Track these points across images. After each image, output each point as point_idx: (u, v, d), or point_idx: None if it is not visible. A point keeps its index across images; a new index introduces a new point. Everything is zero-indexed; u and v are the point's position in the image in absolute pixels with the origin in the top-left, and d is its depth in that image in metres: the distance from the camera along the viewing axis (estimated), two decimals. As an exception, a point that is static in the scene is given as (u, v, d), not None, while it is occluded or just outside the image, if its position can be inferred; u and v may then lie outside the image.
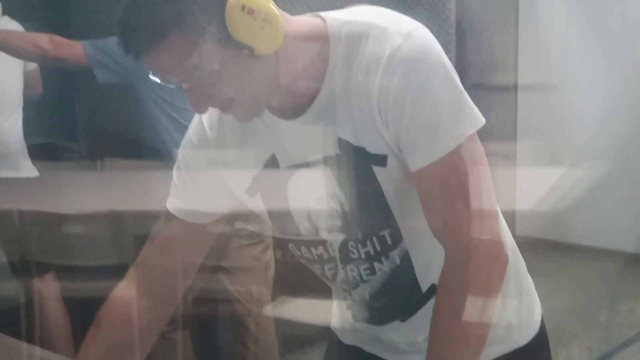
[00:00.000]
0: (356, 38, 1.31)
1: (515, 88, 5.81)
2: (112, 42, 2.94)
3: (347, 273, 1.52)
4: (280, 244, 3.07)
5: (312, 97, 1.35)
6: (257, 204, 1.55)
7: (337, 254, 1.51)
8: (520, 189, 5.88)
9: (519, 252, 1.64)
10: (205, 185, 1.58)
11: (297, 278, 3.15)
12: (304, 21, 1.38)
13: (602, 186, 5.46)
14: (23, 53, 3.08)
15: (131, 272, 1.70)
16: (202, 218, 1.62)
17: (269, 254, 3.09)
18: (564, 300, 4.74)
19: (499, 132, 5.82)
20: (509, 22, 5.80)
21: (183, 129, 2.89)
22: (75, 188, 3.43)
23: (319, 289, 3.12)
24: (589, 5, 5.45)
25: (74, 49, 2.96)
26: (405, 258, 1.46)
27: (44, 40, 2.96)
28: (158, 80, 1.31)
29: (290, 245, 1.61)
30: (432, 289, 1.47)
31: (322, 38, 1.33)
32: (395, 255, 1.46)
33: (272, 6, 1.24)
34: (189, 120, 2.89)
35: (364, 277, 1.51)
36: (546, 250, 5.58)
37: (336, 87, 1.33)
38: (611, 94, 5.42)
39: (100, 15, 3.91)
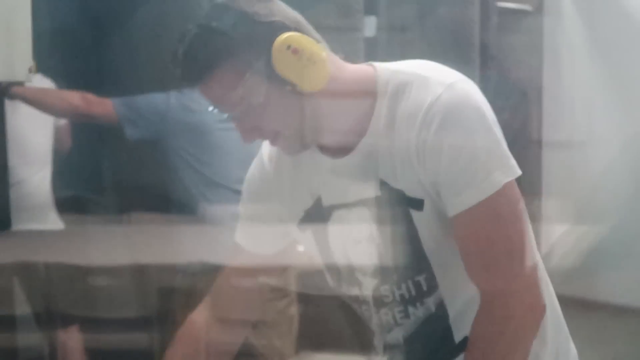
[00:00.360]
0: (402, 86, 1.39)
1: (539, 144, 5.83)
2: (141, 99, 3.02)
3: (381, 317, 1.56)
4: (303, 298, 3.10)
5: (358, 139, 1.42)
6: (307, 240, 1.63)
7: (370, 298, 1.55)
8: (546, 244, 5.89)
9: (557, 302, 1.65)
10: (266, 217, 1.66)
11: (320, 333, 3.17)
12: (356, 67, 1.47)
13: (634, 242, 5.44)
14: (55, 110, 3.14)
15: (206, 300, 1.83)
16: (266, 249, 1.73)
17: (293, 309, 3.11)
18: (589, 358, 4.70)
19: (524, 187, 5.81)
20: (534, 79, 5.85)
21: (209, 183, 2.96)
22: (100, 241, 3.42)
23: (341, 344, 3.13)
24: (614, 61, 5.48)
25: (105, 107, 3.00)
26: (441, 306, 1.49)
27: (76, 98, 3.01)
28: (216, 110, 1.43)
29: (334, 284, 1.66)
30: (465, 341, 1.48)
31: (370, 83, 1.42)
32: (430, 302, 1.49)
33: (319, 49, 1.34)
34: (216, 174, 2.97)
35: (398, 321, 1.54)
36: (575, 308, 5.53)
37: (380, 131, 1.40)
38: (637, 151, 5.42)
39: (131, 74, 3.97)
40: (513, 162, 1.38)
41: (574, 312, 5.60)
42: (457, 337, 1.51)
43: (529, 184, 5.67)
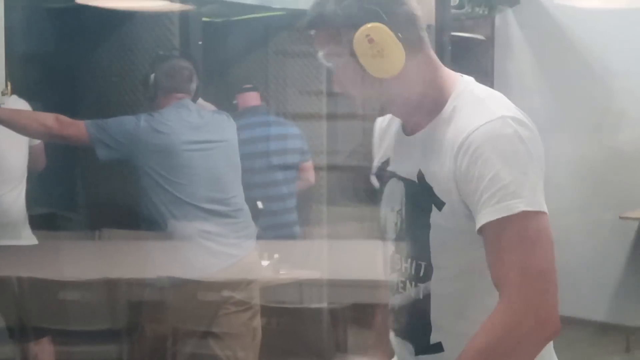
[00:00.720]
0: (466, 104, 1.53)
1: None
2: (112, 122, 3.00)
3: (392, 278, 1.68)
4: (266, 310, 3.14)
5: (420, 128, 1.57)
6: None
7: (389, 257, 1.68)
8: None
9: None
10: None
11: (283, 344, 3.20)
12: (446, 72, 1.63)
13: (572, 259, 5.55)
14: (30, 131, 3.07)
15: None
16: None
17: (257, 321, 3.11)
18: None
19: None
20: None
21: (177, 201, 2.99)
22: (72, 256, 3.41)
23: (302, 355, 3.17)
24: (555, 83, 5.60)
25: (78, 128, 2.96)
26: (427, 298, 1.58)
27: (50, 119, 2.96)
28: None
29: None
30: (437, 347, 1.58)
31: (447, 89, 1.57)
32: (422, 288, 1.59)
33: (395, 44, 1.49)
34: (183, 193, 3.00)
35: (399, 289, 1.65)
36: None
37: (437, 131, 1.53)
38: (580, 173, 5.53)
39: (103, 96, 3.98)
40: (540, 199, 1.47)
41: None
42: (433, 339, 1.59)
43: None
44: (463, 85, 1.59)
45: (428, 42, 1.61)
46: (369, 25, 1.48)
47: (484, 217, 1.43)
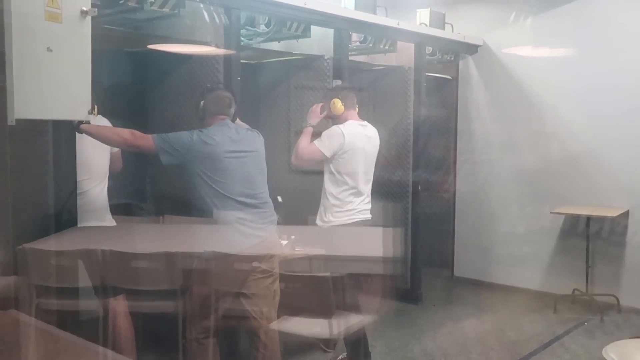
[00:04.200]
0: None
1: (454, 163, 5.92)
2: (173, 135, 2.99)
3: None
4: (283, 277, 3.13)
5: None
6: None
7: None
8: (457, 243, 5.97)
9: None
10: None
11: (295, 303, 3.20)
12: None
13: (514, 243, 5.53)
14: (111, 141, 3.09)
15: None
16: None
17: (276, 285, 3.12)
18: (486, 323, 4.75)
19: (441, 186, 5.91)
20: (451, 123, 5.93)
21: (219, 195, 2.98)
22: (142, 235, 3.45)
23: (310, 311, 3.16)
24: (504, 112, 5.58)
25: (147, 140, 2.96)
26: None
27: (126, 133, 2.98)
28: None
29: None
30: None
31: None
32: None
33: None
34: (223, 189, 2.99)
35: None
36: (476, 286, 5.63)
37: None
38: (521, 178, 5.51)
39: (166, 116, 3.99)
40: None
41: (475, 290, 5.66)
42: None
43: (447, 183, 5.83)
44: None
45: None
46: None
47: None
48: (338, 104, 3.69)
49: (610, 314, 4.84)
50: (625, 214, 4.92)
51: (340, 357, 3.81)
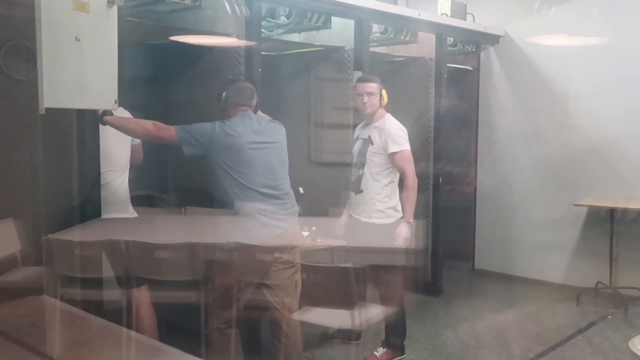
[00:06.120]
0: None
1: (476, 154, 5.88)
2: (195, 127, 2.98)
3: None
4: (305, 268, 3.14)
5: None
6: None
7: None
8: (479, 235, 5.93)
9: None
10: None
11: (317, 294, 3.20)
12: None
13: (536, 235, 5.49)
14: (134, 133, 3.09)
15: None
16: None
17: (298, 276, 3.11)
18: (507, 316, 4.72)
19: (466, 176, 5.87)
20: (472, 114, 5.88)
21: (241, 186, 2.98)
22: (164, 226, 3.46)
23: (330, 302, 3.16)
24: (525, 103, 5.52)
25: (169, 132, 2.95)
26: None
27: (149, 125, 2.98)
28: None
29: None
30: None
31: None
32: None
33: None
34: (246, 180, 2.99)
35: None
36: (497, 279, 5.59)
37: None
38: (545, 170, 5.46)
39: (188, 108, 4.00)
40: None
41: (496, 283, 5.62)
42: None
43: (469, 176, 5.80)
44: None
45: None
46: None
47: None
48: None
49: (634, 306, 4.79)
50: (650, 206, 4.86)
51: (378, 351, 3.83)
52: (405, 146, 3.61)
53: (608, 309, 4.77)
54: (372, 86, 3.68)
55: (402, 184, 3.62)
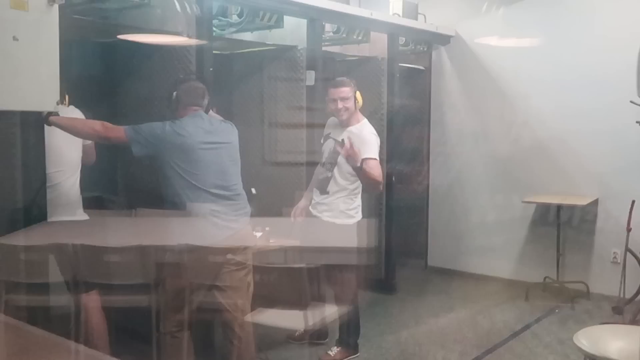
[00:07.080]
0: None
1: (428, 152, 5.95)
2: (145, 127, 2.94)
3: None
4: (257, 269, 3.13)
5: None
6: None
7: None
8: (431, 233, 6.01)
9: None
10: None
11: (269, 294, 3.19)
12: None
13: (486, 231, 5.60)
14: (82, 134, 3.04)
15: None
16: None
17: (250, 277, 3.10)
18: (459, 313, 4.80)
19: (418, 174, 5.94)
20: (424, 113, 5.95)
21: (192, 187, 2.95)
22: (114, 228, 3.40)
23: (285, 303, 3.16)
24: (474, 101, 5.62)
25: (118, 132, 2.92)
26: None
27: (97, 125, 2.94)
28: None
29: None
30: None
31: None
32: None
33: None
34: (197, 181, 2.96)
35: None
36: (450, 276, 5.69)
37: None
38: (494, 167, 5.57)
39: (137, 108, 3.93)
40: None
41: (448, 279, 5.71)
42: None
43: (421, 174, 5.88)
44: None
45: None
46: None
47: None
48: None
49: (580, 301, 4.93)
50: (595, 202, 5.01)
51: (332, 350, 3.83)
52: (376, 155, 3.57)
53: (556, 303, 4.91)
54: (345, 90, 3.66)
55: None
